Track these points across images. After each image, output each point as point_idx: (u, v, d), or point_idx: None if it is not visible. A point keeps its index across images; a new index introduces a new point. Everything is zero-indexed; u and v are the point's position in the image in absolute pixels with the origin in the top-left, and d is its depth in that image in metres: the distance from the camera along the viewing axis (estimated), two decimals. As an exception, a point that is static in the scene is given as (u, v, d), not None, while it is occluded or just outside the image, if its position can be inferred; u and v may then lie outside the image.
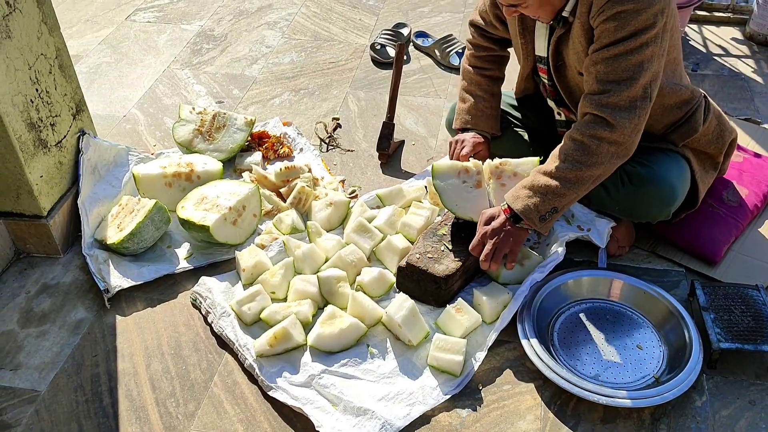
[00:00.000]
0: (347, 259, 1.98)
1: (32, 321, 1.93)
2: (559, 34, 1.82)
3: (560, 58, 1.88)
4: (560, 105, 2.06)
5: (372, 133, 2.63)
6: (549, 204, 1.75)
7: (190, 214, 2.06)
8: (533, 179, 1.77)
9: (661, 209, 1.90)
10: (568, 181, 1.73)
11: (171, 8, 3.59)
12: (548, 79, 1.99)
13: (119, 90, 2.94)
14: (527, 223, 1.78)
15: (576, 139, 1.73)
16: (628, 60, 1.66)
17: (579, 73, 1.83)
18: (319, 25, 3.40)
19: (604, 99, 1.69)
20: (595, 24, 1.70)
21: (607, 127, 1.69)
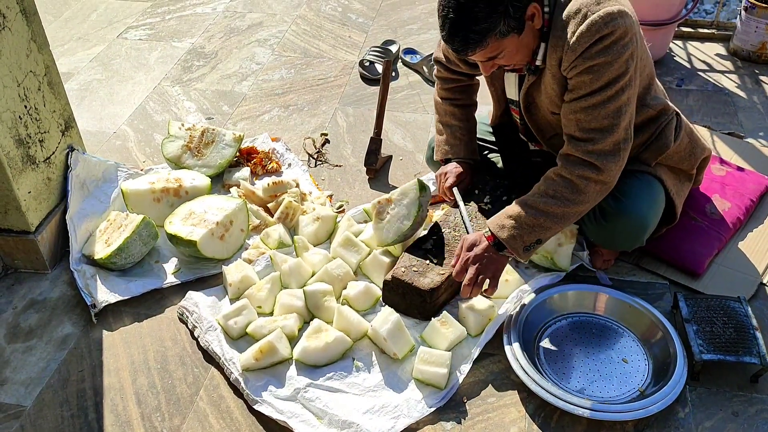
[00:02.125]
0: (334, 273, 1.99)
1: (19, 336, 1.93)
2: (531, 82, 1.84)
3: (531, 100, 1.91)
4: (531, 140, 2.09)
5: (360, 149, 2.65)
6: (534, 236, 1.77)
7: (177, 229, 2.07)
8: (519, 210, 1.78)
9: (633, 241, 1.93)
10: (555, 216, 1.75)
11: (162, 26, 3.62)
12: (520, 119, 2.03)
13: (110, 107, 2.96)
14: (510, 251, 1.79)
15: (565, 177, 1.75)
16: (607, 108, 1.68)
17: (551, 113, 1.87)
18: (308, 42, 3.43)
19: (589, 146, 1.72)
20: (569, 75, 1.71)
21: (594, 170, 1.73)
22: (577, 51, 1.64)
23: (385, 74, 2.48)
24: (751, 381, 1.77)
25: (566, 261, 2.00)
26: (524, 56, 1.76)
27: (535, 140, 2.06)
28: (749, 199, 2.28)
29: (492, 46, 1.67)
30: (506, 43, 1.68)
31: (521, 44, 1.71)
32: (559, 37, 1.68)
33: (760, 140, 2.68)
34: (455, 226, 2.06)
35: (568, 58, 1.67)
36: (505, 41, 1.67)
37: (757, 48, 3.16)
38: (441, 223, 2.07)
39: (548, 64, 1.75)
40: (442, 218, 2.09)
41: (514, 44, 1.69)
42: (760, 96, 2.98)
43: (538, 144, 2.08)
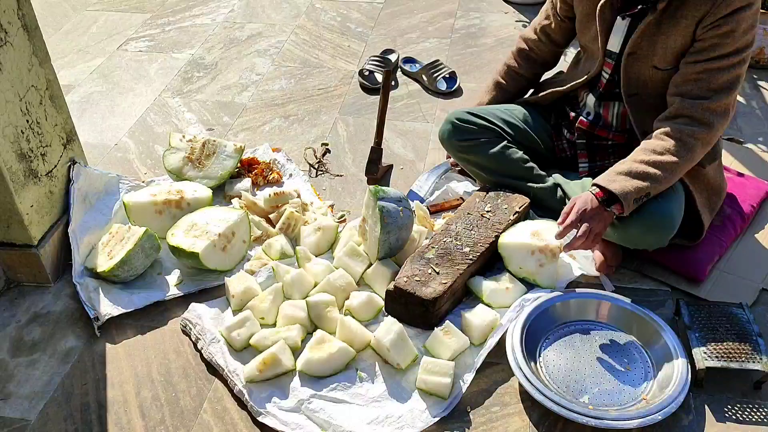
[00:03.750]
0: (336, 284, 2.00)
1: (22, 350, 1.94)
2: (648, 23, 1.89)
3: (637, 49, 1.96)
4: (603, 99, 2.12)
5: (361, 158, 2.66)
6: (646, 189, 1.84)
7: (179, 241, 2.08)
8: (630, 167, 1.86)
9: (660, 239, 1.95)
10: (667, 170, 1.85)
11: (162, 38, 3.64)
12: (610, 74, 2.07)
13: (110, 119, 2.97)
14: (619, 207, 1.85)
15: (673, 136, 1.86)
16: (731, 72, 1.84)
17: (653, 67, 1.95)
18: (308, 52, 3.45)
19: (706, 104, 1.85)
20: (705, 33, 1.83)
21: (705, 129, 1.86)
22: (730, 8, 1.78)
23: (385, 84, 2.49)
24: (754, 387, 1.77)
25: (549, 281, 2.01)
26: None
27: (612, 99, 2.10)
28: (749, 205, 2.28)
29: None
30: None
31: None
32: None
33: (759, 146, 2.69)
34: (457, 234, 2.06)
35: (717, 12, 1.80)
36: None
37: (755, 53, 3.17)
38: (443, 232, 2.08)
39: (688, 15, 1.83)
40: (444, 227, 2.10)
41: None
42: (758, 101, 2.98)
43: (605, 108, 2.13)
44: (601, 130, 2.17)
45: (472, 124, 2.24)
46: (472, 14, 3.78)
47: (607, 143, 2.17)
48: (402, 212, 2.04)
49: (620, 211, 1.87)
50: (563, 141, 2.30)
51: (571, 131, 2.25)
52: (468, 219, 2.12)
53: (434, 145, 2.68)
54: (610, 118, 2.14)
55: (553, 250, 1.99)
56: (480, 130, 2.23)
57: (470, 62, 3.31)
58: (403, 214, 2.04)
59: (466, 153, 2.27)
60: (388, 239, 2.02)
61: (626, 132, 2.13)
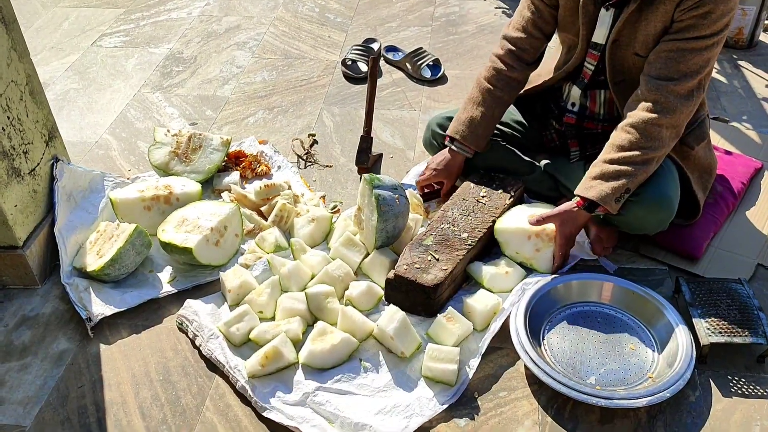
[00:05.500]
0: (334, 275, 1.96)
1: (13, 354, 1.87)
2: (630, 12, 1.87)
3: (620, 37, 1.94)
4: (591, 88, 2.10)
5: (349, 148, 2.63)
6: (622, 186, 1.84)
7: (171, 236, 2.02)
8: (601, 169, 1.87)
9: (660, 223, 1.96)
10: (637, 164, 1.85)
11: (137, 32, 3.55)
12: (595, 64, 2.04)
13: (89, 116, 2.89)
14: (602, 208, 1.87)
15: (637, 127, 1.85)
16: (701, 55, 1.82)
17: (635, 54, 1.93)
18: (288, 43, 3.40)
19: (670, 86, 1.83)
20: (683, 15, 1.81)
21: (667, 113, 1.84)
22: None
23: (372, 71, 2.46)
24: (757, 361, 1.78)
25: (546, 265, 2.00)
26: None
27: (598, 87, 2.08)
28: (740, 182, 2.30)
29: None
30: None
31: None
32: None
33: (744, 123, 2.71)
34: (454, 220, 2.04)
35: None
36: None
37: (734, 34, 3.20)
38: (440, 218, 2.05)
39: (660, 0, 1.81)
40: (441, 214, 2.08)
41: None
42: (740, 80, 3.01)
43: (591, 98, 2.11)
44: (589, 122, 2.16)
45: None
46: (451, 2, 3.76)
47: (596, 132, 2.17)
48: (398, 200, 2.01)
49: (605, 212, 1.89)
50: (551, 131, 2.28)
51: (558, 122, 2.24)
52: (464, 205, 2.10)
53: (422, 132, 2.64)
54: (597, 108, 2.13)
55: (549, 235, 1.98)
56: None
57: (453, 49, 3.29)
58: (399, 202, 2.01)
59: None
60: (386, 227, 1.99)
61: (614, 120, 2.12)
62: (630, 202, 1.89)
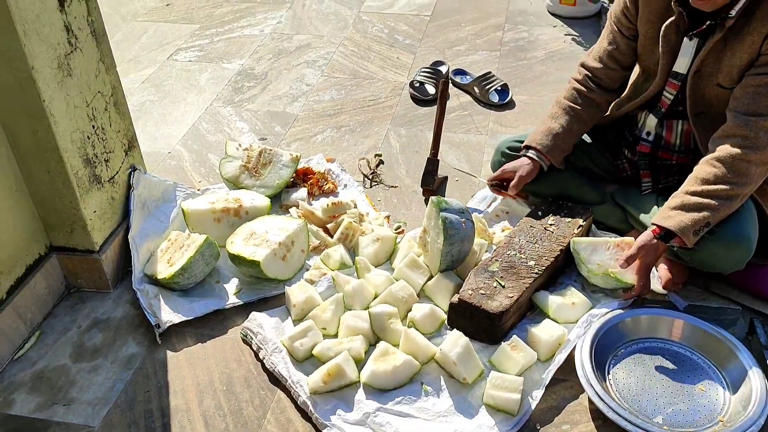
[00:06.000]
0: (398, 295, 1.97)
1: (84, 355, 1.93)
2: (715, 41, 1.85)
3: (703, 67, 1.91)
4: (667, 118, 2.07)
5: (414, 169, 2.64)
6: (703, 219, 1.80)
7: (240, 249, 2.06)
8: (682, 200, 1.83)
9: (737, 262, 1.89)
10: (721, 199, 1.80)
11: (211, 48, 3.66)
12: (675, 94, 2.02)
13: (163, 127, 2.98)
14: (678, 240, 1.83)
15: (724, 161, 1.82)
16: None
17: (718, 85, 1.90)
18: (357, 63, 3.44)
19: (760, 122, 1.79)
20: None
21: (756, 150, 1.79)
22: None
23: (442, 94, 2.47)
24: (837, 411, 1.70)
25: (630, 276, 1.95)
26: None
27: (676, 117, 2.05)
28: (820, 223, 2.22)
29: None
30: None
31: None
32: None
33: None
34: (520, 248, 2.02)
35: None
36: None
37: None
38: (506, 245, 2.04)
39: (749, 30, 1.79)
40: (507, 240, 2.06)
41: None
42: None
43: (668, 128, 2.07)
44: (664, 152, 2.12)
45: (521, 153, 2.22)
46: (520, 27, 3.76)
47: (671, 163, 2.13)
48: (464, 224, 2.00)
49: (681, 244, 1.84)
50: (623, 161, 2.24)
51: (631, 151, 2.20)
52: (531, 232, 2.09)
53: (488, 156, 2.65)
54: (673, 139, 2.09)
55: (629, 243, 1.95)
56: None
57: (521, 75, 3.28)
58: (465, 226, 2.01)
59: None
60: (451, 251, 1.99)
61: (690, 152, 2.08)
62: (706, 239, 1.84)
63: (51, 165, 1.90)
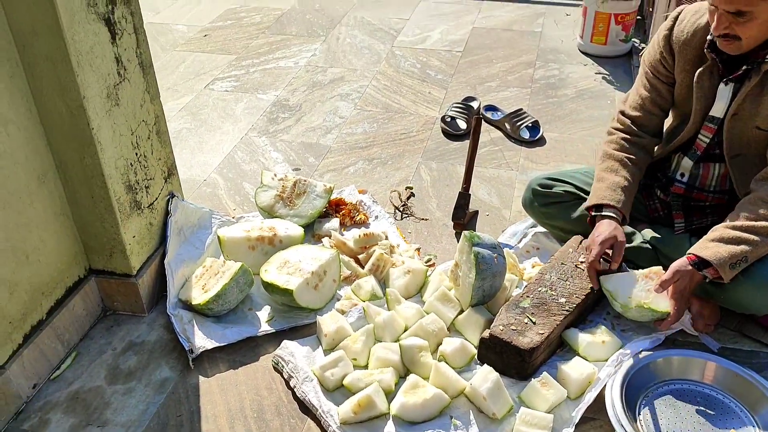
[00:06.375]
0: (428, 329, 1.98)
1: (119, 378, 1.97)
2: (752, 86, 1.87)
3: (739, 111, 1.93)
4: (703, 161, 2.07)
5: (445, 203, 2.67)
6: (741, 253, 1.81)
7: (273, 277, 2.10)
8: (721, 233, 1.85)
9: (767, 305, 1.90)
10: (761, 235, 1.82)
11: (247, 78, 3.75)
12: (711, 137, 2.03)
13: (199, 155, 3.05)
14: (712, 270, 1.84)
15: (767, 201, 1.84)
16: None
17: (756, 127, 1.91)
18: (389, 97, 3.51)
19: None
20: None
21: None
22: None
23: (475, 130, 2.51)
24: None
25: (663, 303, 1.93)
26: (761, 35, 1.81)
27: (712, 160, 2.05)
28: None
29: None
30: (762, 7, 1.74)
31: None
32: None
33: None
34: (551, 284, 2.03)
35: None
36: (762, 3, 1.73)
37: None
38: (537, 281, 2.05)
39: None
40: (538, 276, 2.07)
41: (765, 14, 1.75)
42: None
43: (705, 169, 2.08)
44: (699, 194, 2.12)
45: (552, 189, 2.24)
46: (551, 65, 3.80)
47: (705, 204, 2.13)
48: (496, 259, 2.02)
49: (715, 276, 1.84)
50: (655, 201, 2.25)
51: (664, 192, 2.21)
52: (562, 269, 2.10)
53: (519, 192, 2.67)
54: (708, 180, 2.09)
55: (658, 273, 1.96)
56: (561, 195, 2.24)
57: (552, 112, 3.32)
58: (497, 261, 2.02)
59: (549, 219, 2.29)
60: (482, 286, 2.00)
61: (726, 193, 2.09)
62: (739, 278, 1.84)
63: (95, 190, 1.96)
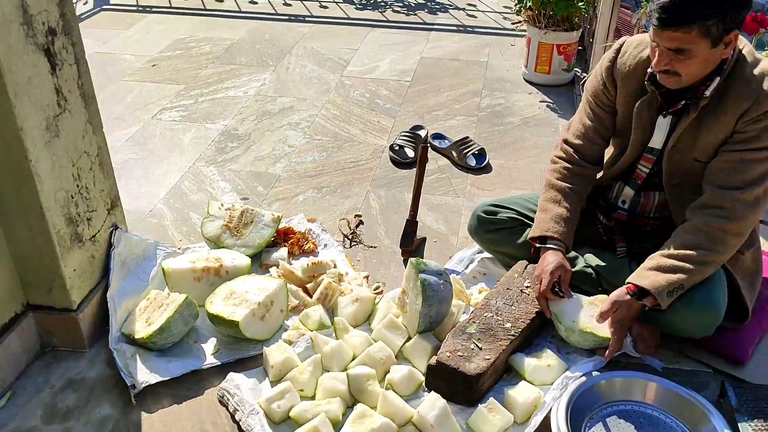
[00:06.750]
0: (376, 357, 1.98)
1: (56, 417, 1.90)
2: (691, 119, 1.93)
3: (678, 143, 1.98)
4: (643, 190, 2.13)
5: (393, 230, 2.68)
6: (677, 281, 1.86)
7: (219, 309, 2.07)
8: (658, 262, 1.90)
9: (706, 327, 1.95)
10: (696, 263, 1.87)
11: (195, 108, 3.73)
12: (650, 168, 2.09)
13: (146, 185, 3.01)
14: (651, 299, 1.88)
15: (701, 230, 1.89)
16: (765, 165, 1.87)
17: (694, 159, 1.97)
18: (339, 126, 3.53)
19: (737, 195, 1.87)
20: (746, 126, 1.86)
21: (733, 220, 1.87)
22: None
23: (422, 158, 2.54)
24: (808, 476, 1.73)
25: (606, 330, 1.97)
26: (700, 71, 1.85)
27: (652, 188, 2.11)
28: (786, 286, 2.28)
29: (692, 36, 1.75)
30: (701, 45, 1.77)
31: (708, 58, 1.81)
32: (747, 87, 1.85)
33: (789, 227, 2.71)
34: (497, 310, 2.06)
35: (758, 109, 1.84)
36: (701, 42, 1.77)
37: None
38: (483, 307, 2.07)
39: (728, 110, 1.86)
40: (484, 302, 2.10)
41: (704, 53, 1.79)
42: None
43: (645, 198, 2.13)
44: (640, 220, 2.19)
45: (497, 216, 2.28)
46: (497, 94, 3.89)
47: (646, 230, 2.19)
48: (443, 285, 2.04)
49: (654, 303, 1.89)
50: (598, 227, 2.31)
51: (607, 218, 2.27)
52: (508, 294, 2.12)
53: (466, 218, 2.70)
54: (649, 207, 2.16)
55: (603, 301, 1.99)
56: (506, 221, 2.28)
57: (498, 139, 3.38)
58: (443, 288, 2.04)
59: (495, 245, 2.32)
60: (429, 312, 2.01)
61: (665, 219, 2.15)
62: (677, 304, 1.89)
63: (33, 224, 1.92)
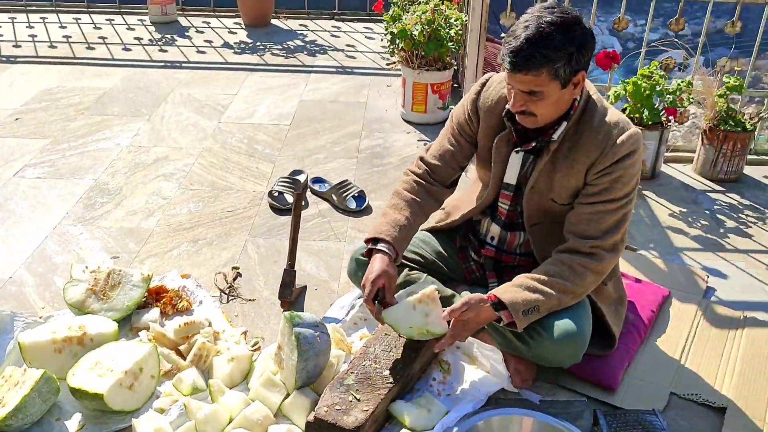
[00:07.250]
0: (253, 418, 1.91)
1: None
2: (545, 162, 2.00)
3: (535, 183, 2.05)
4: (509, 229, 2.20)
5: (273, 281, 2.63)
6: (534, 301, 1.93)
7: (81, 382, 1.94)
8: (521, 281, 1.98)
9: (572, 356, 2.02)
10: (554, 290, 1.95)
11: (62, 163, 3.54)
12: (510, 204, 2.14)
13: (5, 250, 2.81)
14: (507, 314, 1.93)
15: (565, 263, 1.99)
16: (620, 213, 1.99)
17: (551, 200, 2.05)
18: (216, 174, 3.45)
19: (597, 243, 1.98)
20: (596, 178, 1.97)
21: (595, 260, 1.99)
22: (617, 157, 1.92)
23: (296, 205, 2.51)
24: (675, 496, 1.80)
25: (440, 326, 1.99)
26: (554, 112, 1.92)
27: (515, 229, 2.18)
28: (649, 310, 2.40)
29: (542, 79, 1.81)
30: (552, 87, 1.83)
31: (558, 99, 1.88)
32: (595, 137, 1.94)
33: (651, 251, 2.87)
34: (376, 357, 2.04)
35: (605, 161, 1.93)
36: (552, 84, 1.83)
37: (637, 166, 3.44)
38: (362, 355, 2.05)
39: (575, 158, 1.96)
40: (363, 350, 2.08)
41: (555, 94, 1.86)
42: (645, 209, 3.22)
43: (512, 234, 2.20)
44: (507, 256, 2.26)
45: None
46: (376, 134, 3.93)
47: (514, 265, 2.26)
48: (319, 338, 2.00)
49: (510, 319, 1.94)
50: (471, 263, 2.36)
51: (477, 254, 2.32)
52: (386, 340, 2.11)
53: (347, 263, 2.68)
54: (515, 245, 2.24)
55: (430, 295, 2.00)
56: None
57: (377, 181, 3.41)
58: (320, 340, 2.00)
59: None
60: (306, 367, 1.97)
61: (531, 255, 2.23)
62: (541, 335, 1.95)
63: None
